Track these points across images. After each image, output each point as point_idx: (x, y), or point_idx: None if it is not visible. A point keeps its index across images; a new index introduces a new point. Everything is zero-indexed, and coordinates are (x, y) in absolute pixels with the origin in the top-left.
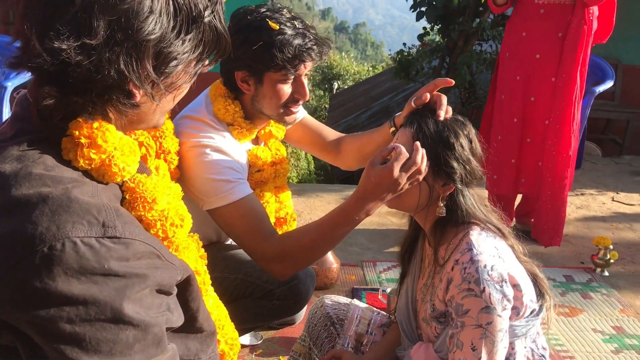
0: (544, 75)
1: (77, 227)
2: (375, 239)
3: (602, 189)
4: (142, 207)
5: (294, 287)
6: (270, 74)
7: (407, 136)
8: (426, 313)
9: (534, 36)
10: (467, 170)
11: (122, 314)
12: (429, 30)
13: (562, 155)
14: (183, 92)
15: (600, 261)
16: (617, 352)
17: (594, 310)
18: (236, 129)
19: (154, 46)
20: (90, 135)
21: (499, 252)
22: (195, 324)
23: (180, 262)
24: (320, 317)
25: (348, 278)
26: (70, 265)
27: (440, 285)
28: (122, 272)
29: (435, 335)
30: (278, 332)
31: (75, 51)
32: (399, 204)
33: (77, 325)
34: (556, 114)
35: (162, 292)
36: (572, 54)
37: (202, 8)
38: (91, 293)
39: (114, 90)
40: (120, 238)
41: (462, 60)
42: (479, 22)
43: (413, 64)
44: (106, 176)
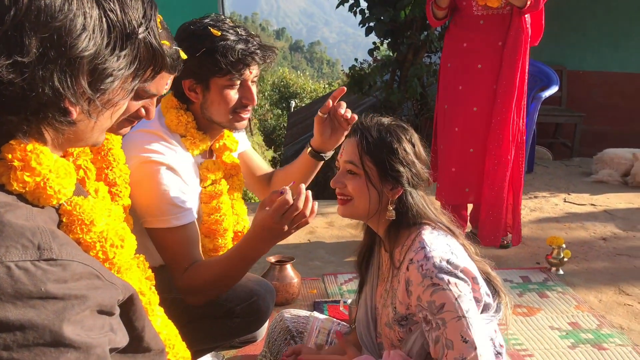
0: (486, 85)
1: (10, 251)
2: (335, 251)
3: (554, 191)
4: (79, 230)
5: (253, 304)
6: (216, 79)
7: (353, 145)
8: (388, 317)
9: (475, 47)
10: (413, 173)
11: (62, 337)
12: (379, 45)
13: (502, 159)
14: (121, 109)
15: (554, 260)
16: (573, 347)
17: (550, 309)
18: (189, 139)
19: (89, 63)
20: (24, 158)
21: (452, 249)
22: (141, 344)
23: (121, 281)
24: (280, 331)
25: (309, 292)
26: (5, 290)
27: (399, 287)
28: (60, 295)
29: (398, 339)
30: (240, 350)
31: (7, 69)
32: (351, 212)
33: (15, 351)
34: (497, 120)
35: (104, 312)
36: (512, 61)
37: (136, 25)
38: (28, 318)
39: (49, 108)
40: (57, 260)
41: (412, 73)
42: (426, 35)
43: (366, 78)
44: (41, 199)
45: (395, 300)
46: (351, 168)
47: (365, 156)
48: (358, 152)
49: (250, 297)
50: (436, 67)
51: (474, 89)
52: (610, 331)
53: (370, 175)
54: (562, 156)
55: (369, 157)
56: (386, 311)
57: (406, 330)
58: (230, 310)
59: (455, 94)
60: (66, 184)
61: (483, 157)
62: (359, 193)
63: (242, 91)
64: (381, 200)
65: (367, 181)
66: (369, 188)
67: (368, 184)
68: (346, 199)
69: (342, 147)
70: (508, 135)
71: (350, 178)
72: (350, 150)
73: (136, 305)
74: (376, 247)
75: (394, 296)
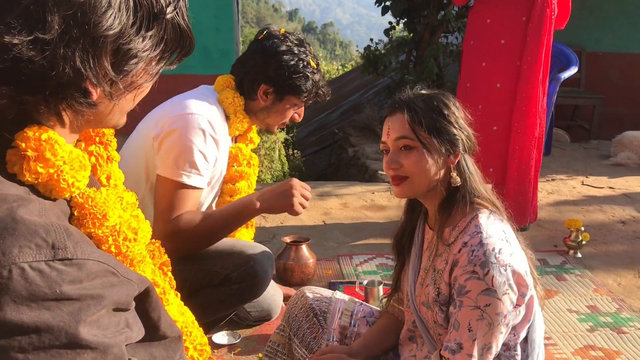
0: (509, 61)
1: (24, 252)
2: (350, 232)
3: (572, 174)
4: (91, 224)
5: (250, 269)
6: (292, 97)
7: (400, 120)
8: (428, 297)
9: (499, 22)
10: (466, 135)
11: (79, 339)
12: (394, 24)
13: (527, 137)
14: (144, 92)
15: (572, 243)
16: (592, 331)
17: (568, 291)
18: (235, 120)
19: (112, 42)
20: (38, 148)
21: (507, 236)
22: (157, 333)
23: (137, 275)
24: (302, 307)
25: (325, 272)
26: (19, 292)
27: (446, 267)
28: (75, 295)
29: (434, 321)
30: (256, 329)
31: (27, 46)
32: (409, 190)
33: (31, 353)
34: (522, 96)
35: (120, 309)
36: (536, 37)
37: (164, 4)
38: (43, 320)
39: (69, 89)
40: (72, 259)
41: (429, 54)
42: (443, 15)
43: (381, 59)
44: (54, 192)
45: (440, 281)
46: (406, 143)
47: (417, 127)
48: (409, 125)
49: (246, 262)
50: (452, 48)
51: (497, 65)
52: (630, 315)
53: (427, 144)
54: (579, 139)
55: (421, 127)
56: (425, 290)
57: (444, 316)
58: (227, 277)
59: (478, 70)
60: (80, 176)
61: (508, 135)
62: (418, 167)
63: (298, 110)
64: (439, 171)
65: (425, 152)
66: (428, 160)
67: (427, 154)
68: (402, 179)
69: (387, 127)
70: (535, 112)
71: (406, 154)
72: (398, 126)
73: (152, 297)
74: (419, 227)
75: (437, 277)
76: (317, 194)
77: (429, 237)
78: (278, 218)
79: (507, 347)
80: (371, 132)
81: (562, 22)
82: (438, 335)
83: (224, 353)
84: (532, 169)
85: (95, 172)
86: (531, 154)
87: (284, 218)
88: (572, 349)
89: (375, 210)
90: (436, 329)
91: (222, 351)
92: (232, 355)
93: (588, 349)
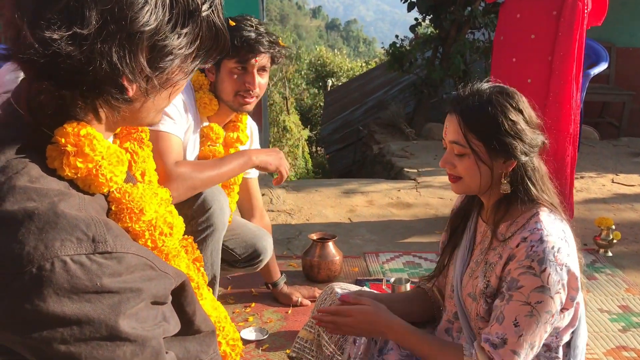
0: (540, 56)
1: (66, 245)
2: (376, 230)
3: (602, 172)
4: (128, 218)
5: (255, 252)
6: (225, 61)
7: (454, 124)
8: (475, 289)
9: (529, 16)
10: (525, 142)
11: (118, 331)
12: (420, 21)
13: (562, 134)
14: (179, 90)
15: (603, 242)
16: (624, 331)
17: (599, 291)
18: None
19: (149, 39)
20: (77, 143)
21: (566, 236)
22: (192, 327)
23: (173, 269)
24: (331, 304)
25: (351, 270)
26: (61, 285)
27: (500, 262)
28: (115, 288)
29: (476, 314)
30: (284, 326)
31: (66, 41)
32: (464, 189)
33: (72, 345)
34: (555, 92)
35: (158, 302)
36: (568, 32)
37: (200, 2)
38: (84, 312)
39: (106, 84)
40: (111, 253)
41: (455, 50)
42: (470, 11)
43: (406, 55)
44: (92, 186)
45: (491, 274)
46: (458, 150)
47: (470, 134)
48: (461, 130)
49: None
50: (479, 44)
51: (527, 60)
52: None
53: (478, 152)
54: (608, 136)
55: (473, 135)
56: (474, 282)
57: (488, 309)
58: (237, 260)
59: (509, 66)
60: (118, 171)
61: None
62: (469, 172)
63: (245, 76)
64: (493, 176)
65: (476, 159)
66: (479, 166)
67: (478, 162)
68: (456, 178)
69: (445, 125)
70: (569, 108)
71: (459, 158)
72: (452, 129)
73: (187, 291)
74: (473, 216)
75: (488, 270)
76: (342, 191)
77: (482, 231)
78: (304, 216)
79: (548, 349)
80: (396, 129)
81: (599, 19)
82: (478, 329)
83: (252, 349)
84: (568, 166)
85: (131, 168)
86: (567, 151)
87: (309, 215)
88: (604, 349)
89: (401, 207)
90: (477, 322)
91: (250, 347)
92: (260, 351)
93: (620, 349)
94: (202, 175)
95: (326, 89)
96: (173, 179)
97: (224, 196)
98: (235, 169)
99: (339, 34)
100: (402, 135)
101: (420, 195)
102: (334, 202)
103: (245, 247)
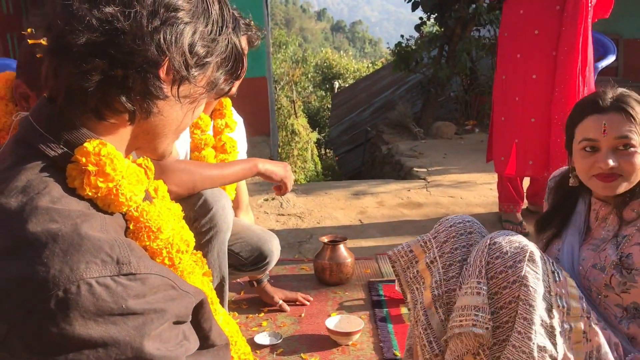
0: (544, 51)
1: (91, 267)
2: (387, 231)
3: None
4: (147, 237)
5: (261, 255)
6: None
7: (620, 121)
8: (605, 260)
9: (532, 12)
10: None
11: (143, 352)
12: (425, 20)
13: None
14: (200, 108)
15: None
16: None
17: None
18: None
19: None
20: (98, 163)
21: None
22: (207, 342)
23: (193, 288)
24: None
25: (363, 272)
26: (87, 308)
27: (637, 233)
28: (140, 310)
29: (605, 284)
30: (297, 330)
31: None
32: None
33: None
34: (560, 87)
35: (179, 322)
36: (572, 26)
37: (228, 21)
38: (110, 335)
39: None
40: (136, 274)
41: (461, 48)
42: (475, 8)
43: (412, 55)
44: (112, 206)
45: (629, 245)
46: (627, 142)
47: (636, 126)
48: (629, 125)
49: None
50: (485, 41)
51: (531, 57)
52: None
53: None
54: None
55: (638, 127)
56: (601, 255)
57: (622, 282)
58: (243, 263)
59: (514, 62)
60: (137, 190)
61: (547, 127)
62: (634, 167)
63: None
64: None
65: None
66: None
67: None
68: (616, 177)
69: (600, 124)
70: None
71: (625, 154)
72: (619, 126)
73: (205, 308)
74: (582, 200)
75: (625, 242)
76: (352, 192)
77: (600, 210)
78: (315, 218)
79: None
80: (404, 129)
81: (606, 11)
82: (604, 297)
83: (266, 354)
84: None
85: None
86: None
87: (320, 218)
88: None
89: (412, 207)
90: (606, 291)
91: (264, 352)
92: (275, 356)
93: None
94: (203, 172)
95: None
96: (172, 172)
97: (226, 197)
98: (238, 173)
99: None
100: (411, 135)
101: (430, 194)
102: (344, 204)
103: (250, 251)
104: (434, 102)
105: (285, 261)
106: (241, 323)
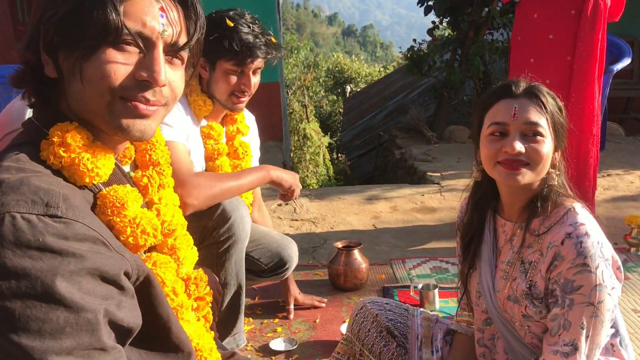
0: (559, 56)
1: (20, 204)
2: (401, 236)
3: (629, 168)
4: (110, 212)
5: (280, 261)
6: (222, 62)
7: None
8: (516, 290)
9: (546, 16)
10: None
11: (53, 291)
12: (437, 24)
13: (585, 135)
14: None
15: (634, 240)
16: None
17: (632, 291)
18: (195, 95)
19: None
20: (64, 135)
21: (600, 230)
22: (170, 336)
23: (134, 257)
24: (374, 323)
25: (378, 277)
26: (6, 237)
27: (542, 259)
28: (57, 249)
29: (522, 315)
30: (312, 336)
31: None
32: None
33: (8, 300)
34: (577, 93)
35: (107, 280)
36: (590, 31)
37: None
38: (24, 266)
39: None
40: (61, 217)
41: (474, 51)
42: (488, 11)
43: (425, 59)
44: (76, 176)
45: (535, 274)
46: (536, 130)
47: (546, 116)
48: (539, 112)
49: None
50: (498, 45)
51: (545, 61)
52: None
53: (551, 136)
54: (634, 132)
55: (548, 117)
56: (512, 284)
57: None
58: (262, 270)
59: (527, 67)
60: (101, 164)
61: None
62: (541, 156)
63: (241, 78)
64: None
65: (547, 143)
66: (549, 151)
67: (548, 146)
68: (522, 165)
69: (511, 108)
70: (592, 109)
71: (536, 141)
72: (530, 111)
73: (156, 290)
74: (489, 217)
75: (531, 270)
76: (365, 197)
77: (504, 230)
78: (328, 224)
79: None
80: (417, 133)
81: (617, 14)
82: (527, 328)
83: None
84: (591, 168)
85: (147, 193)
86: (590, 152)
87: (334, 223)
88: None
89: (426, 212)
90: (524, 322)
91: (280, 358)
92: None
93: None
94: (221, 184)
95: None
96: (192, 186)
97: (244, 206)
98: (253, 181)
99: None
100: (424, 139)
101: (444, 199)
102: (357, 209)
103: (270, 257)
104: (447, 106)
105: (300, 267)
106: (256, 328)
